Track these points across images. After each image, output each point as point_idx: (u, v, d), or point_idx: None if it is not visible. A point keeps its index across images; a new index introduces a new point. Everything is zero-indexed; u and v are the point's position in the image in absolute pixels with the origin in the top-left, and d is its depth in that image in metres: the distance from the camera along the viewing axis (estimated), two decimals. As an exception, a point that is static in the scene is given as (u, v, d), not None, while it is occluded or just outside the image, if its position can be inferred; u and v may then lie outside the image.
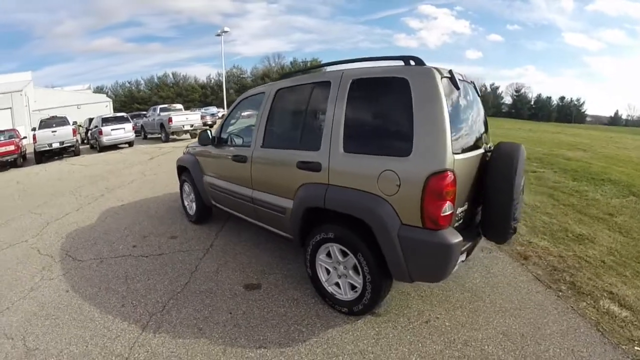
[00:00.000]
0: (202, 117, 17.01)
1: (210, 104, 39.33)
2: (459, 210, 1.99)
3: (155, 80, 56.69)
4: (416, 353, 2.03)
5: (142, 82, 56.81)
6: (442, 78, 1.95)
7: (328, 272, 2.41)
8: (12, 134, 12.89)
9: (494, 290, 2.63)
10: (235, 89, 50.97)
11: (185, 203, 4.50)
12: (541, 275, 2.82)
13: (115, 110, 34.14)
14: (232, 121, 3.56)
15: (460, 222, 2.04)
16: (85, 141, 16.44)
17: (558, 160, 7.87)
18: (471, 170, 2.07)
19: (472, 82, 2.58)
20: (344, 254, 2.24)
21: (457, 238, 1.86)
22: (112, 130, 12.94)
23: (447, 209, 1.83)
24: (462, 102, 2.19)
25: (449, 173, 1.80)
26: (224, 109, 27.38)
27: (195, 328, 2.31)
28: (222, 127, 3.55)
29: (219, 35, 25.13)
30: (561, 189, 5.41)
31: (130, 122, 14.03)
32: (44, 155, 11.99)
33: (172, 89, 54.06)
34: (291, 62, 59.57)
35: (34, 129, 12.41)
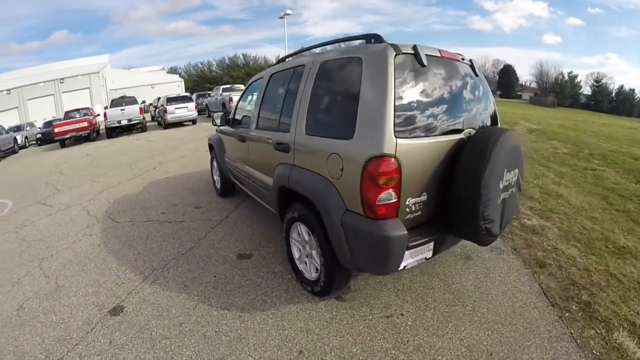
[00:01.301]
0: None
1: (277, 84, 41.14)
2: (412, 201, 1.94)
3: (227, 61, 60.80)
4: (360, 345, 2.07)
5: (214, 63, 61.34)
6: (397, 55, 1.89)
7: (299, 250, 2.64)
8: (86, 112, 15.53)
9: (483, 297, 2.48)
10: (302, 70, 52.05)
11: (215, 178, 5.10)
12: (551, 289, 2.56)
13: (187, 89, 37.99)
14: (243, 103, 3.93)
15: (417, 214, 2.00)
16: (154, 118, 18.81)
17: (624, 159, 6.98)
18: (433, 158, 1.99)
19: (468, 60, 2.45)
20: (309, 234, 2.41)
21: (398, 231, 1.82)
22: (176, 108, 14.58)
23: (387, 197, 1.81)
24: (436, 81, 2.09)
25: (389, 159, 1.77)
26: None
27: (182, 285, 2.79)
28: (236, 109, 3.98)
29: (281, 17, 25.92)
30: (619, 191, 4.81)
31: (193, 101, 15.61)
32: (114, 131, 14.00)
33: (243, 70, 57.37)
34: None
35: (105, 107, 14.56)
